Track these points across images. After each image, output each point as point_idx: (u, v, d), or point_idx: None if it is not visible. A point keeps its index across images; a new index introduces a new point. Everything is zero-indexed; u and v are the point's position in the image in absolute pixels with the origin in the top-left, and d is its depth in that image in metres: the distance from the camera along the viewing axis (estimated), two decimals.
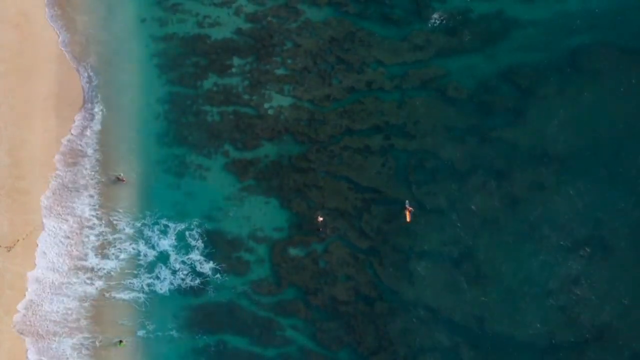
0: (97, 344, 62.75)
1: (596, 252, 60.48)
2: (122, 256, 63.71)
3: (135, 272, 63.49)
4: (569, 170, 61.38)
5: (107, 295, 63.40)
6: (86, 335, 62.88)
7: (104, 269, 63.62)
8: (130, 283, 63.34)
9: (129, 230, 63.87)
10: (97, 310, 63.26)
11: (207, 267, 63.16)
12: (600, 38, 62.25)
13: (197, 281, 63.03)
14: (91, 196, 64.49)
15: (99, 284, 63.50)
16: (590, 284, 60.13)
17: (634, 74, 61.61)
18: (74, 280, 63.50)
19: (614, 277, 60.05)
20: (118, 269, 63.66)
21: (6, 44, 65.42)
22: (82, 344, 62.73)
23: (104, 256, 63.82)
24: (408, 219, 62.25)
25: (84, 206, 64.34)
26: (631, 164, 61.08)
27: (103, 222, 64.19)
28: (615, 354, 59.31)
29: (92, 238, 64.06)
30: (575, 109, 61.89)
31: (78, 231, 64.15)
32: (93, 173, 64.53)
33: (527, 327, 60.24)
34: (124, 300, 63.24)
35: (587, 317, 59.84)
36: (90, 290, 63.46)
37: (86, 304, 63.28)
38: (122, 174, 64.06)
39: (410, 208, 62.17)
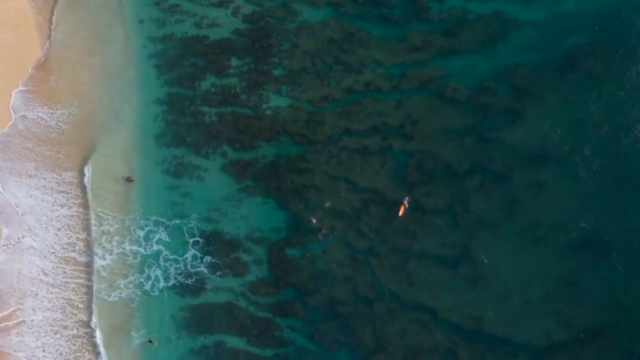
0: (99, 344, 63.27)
1: (595, 252, 60.18)
2: (118, 256, 63.97)
3: (132, 271, 63.83)
4: (567, 171, 61.09)
5: (101, 295, 63.64)
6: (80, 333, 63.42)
7: (102, 267, 63.89)
8: (125, 283, 63.57)
9: (127, 230, 64.10)
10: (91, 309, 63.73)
11: (205, 268, 63.30)
12: (598, 38, 61.95)
13: (195, 281, 63.18)
14: (95, 197, 64.91)
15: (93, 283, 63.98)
16: (589, 285, 59.85)
17: (632, 75, 61.30)
18: (68, 279, 63.91)
19: (613, 278, 59.73)
20: (114, 268, 63.94)
21: (6, 44, 65.59)
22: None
23: (102, 255, 64.05)
24: (400, 213, 62.13)
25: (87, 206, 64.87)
26: (631, 164, 60.75)
27: (102, 221, 64.49)
28: (614, 354, 59.03)
29: (91, 237, 64.39)
30: (574, 109, 61.63)
31: (79, 231, 64.58)
32: (92, 174, 64.91)
33: (525, 327, 60.02)
34: (120, 300, 63.56)
35: (586, 318, 59.59)
36: (83, 289, 63.87)
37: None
38: (130, 175, 64.36)
39: (407, 203, 61.99)
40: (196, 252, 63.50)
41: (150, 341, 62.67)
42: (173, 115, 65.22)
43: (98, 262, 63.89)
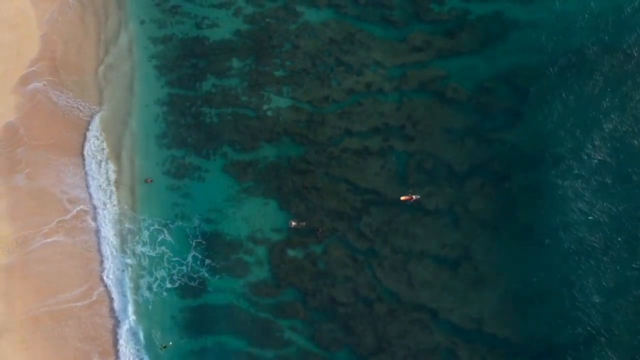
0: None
1: (595, 253, 60.39)
2: (141, 256, 64.23)
3: (145, 272, 63.97)
4: (567, 172, 61.25)
5: (131, 295, 64.06)
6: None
7: (130, 267, 64.30)
8: (143, 283, 63.63)
9: (141, 231, 64.28)
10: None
11: (206, 269, 63.31)
12: (599, 39, 62.08)
13: (196, 282, 63.20)
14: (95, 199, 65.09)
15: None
16: (589, 286, 60.06)
17: (632, 75, 61.48)
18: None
19: (613, 279, 59.92)
20: (138, 268, 64.30)
21: (6, 44, 65.43)
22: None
23: (130, 254, 64.34)
24: (403, 198, 62.26)
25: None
26: (632, 165, 60.93)
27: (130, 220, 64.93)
28: (614, 354, 59.27)
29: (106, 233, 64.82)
30: (574, 110, 61.76)
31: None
32: (93, 176, 65.06)
33: (524, 328, 60.26)
34: (143, 300, 63.82)
35: (585, 318, 59.84)
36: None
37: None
38: (149, 177, 64.73)
39: (414, 197, 62.04)
40: (198, 254, 63.51)
41: (165, 346, 62.81)
42: (174, 116, 65.25)
43: (127, 261, 64.28)
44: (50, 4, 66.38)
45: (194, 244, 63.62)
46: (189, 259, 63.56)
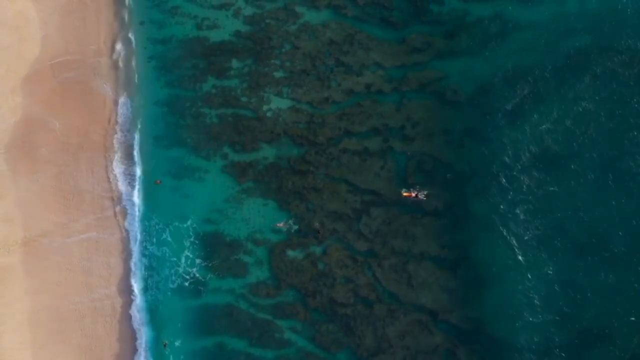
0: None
1: (595, 254, 60.41)
2: (150, 256, 64.35)
3: (152, 273, 63.93)
4: (567, 173, 61.37)
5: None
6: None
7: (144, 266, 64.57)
8: (151, 283, 63.71)
9: (148, 232, 64.40)
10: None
11: (205, 269, 63.27)
12: (598, 40, 62.30)
13: (196, 283, 63.13)
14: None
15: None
16: (589, 286, 60.10)
17: (632, 75, 61.63)
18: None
19: (613, 280, 59.95)
20: (148, 268, 64.26)
21: (6, 46, 65.44)
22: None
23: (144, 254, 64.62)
24: (405, 194, 62.37)
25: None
26: (632, 166, 61.00)
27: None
28: (613, 355, 59.26)
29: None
30: (573, 110, 61.92)
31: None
32: (92, 175, 65.06)
33: (524, 329, 60.23)
34: (152, 299, 63.82)
35: (585, 319, 59.84)
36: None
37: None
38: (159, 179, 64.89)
39: (415, 194, 62.05)
40: (198, 254, 63.48)
41: (165, 344, 62.75)
42: (173, 117, 65.28)
43: (143, 260, 64.46)
44: (52, 5, 66.45)
45: (194, 245, 63.57)
46: (190, 259, 63.50)
